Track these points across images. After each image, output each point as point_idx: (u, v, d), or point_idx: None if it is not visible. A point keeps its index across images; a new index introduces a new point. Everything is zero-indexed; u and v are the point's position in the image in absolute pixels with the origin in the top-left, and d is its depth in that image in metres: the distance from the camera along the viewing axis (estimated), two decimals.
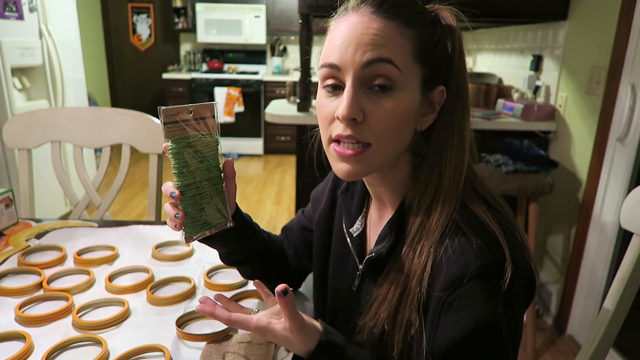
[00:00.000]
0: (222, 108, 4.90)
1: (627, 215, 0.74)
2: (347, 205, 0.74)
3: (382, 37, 0.54)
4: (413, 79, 0.56)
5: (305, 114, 2.16)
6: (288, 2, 4.93)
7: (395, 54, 0.54)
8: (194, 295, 0.85)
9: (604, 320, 0.74)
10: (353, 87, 0.55)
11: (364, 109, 0.55)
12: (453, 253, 0.53)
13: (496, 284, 0.51)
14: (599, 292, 1.86)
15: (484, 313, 0.50)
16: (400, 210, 0.62)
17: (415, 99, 0.57)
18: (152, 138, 1.31)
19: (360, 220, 0.72)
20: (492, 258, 0.52)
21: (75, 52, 3.21)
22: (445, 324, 0.52)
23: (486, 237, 0.54)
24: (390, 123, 0.55)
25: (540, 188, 1.82)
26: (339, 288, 0.75)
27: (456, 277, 0.52)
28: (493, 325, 0.51)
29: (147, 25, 5.38)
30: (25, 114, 1.35)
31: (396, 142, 0.58)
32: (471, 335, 0.50)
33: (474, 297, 0.51)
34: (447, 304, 0.52)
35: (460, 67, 0.60)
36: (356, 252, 0.70)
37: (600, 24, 1.82)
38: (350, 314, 0.70)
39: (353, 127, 0.55)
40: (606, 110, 1.77)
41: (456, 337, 0.51)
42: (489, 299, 0.51)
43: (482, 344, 0.51)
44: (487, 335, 0.51)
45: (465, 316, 0.51)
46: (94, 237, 1.06)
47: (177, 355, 0.68)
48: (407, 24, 0.55)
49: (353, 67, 0.54)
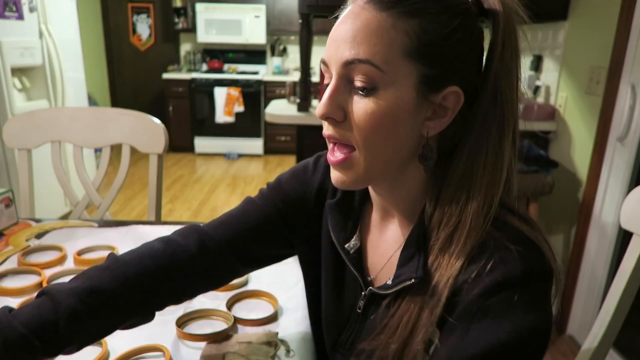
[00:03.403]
0: (222, 108, 4.90)
1: (627, 215, 0.74)
2: (342, 220, 0.64)
3: (366, 33, 0.48)
4: (402, 78, 0.48)
5: (305, 114, 2.16)
6: (288, 2, 4.93)
7: (377, 51, 0.47)
8: None
9: (604, 320, 0.74)
10: (335, 84, 0.51)
11: (346, 109, 0.51)
12: (493, 262, 0.48)
13: (540, 292, 0.47)
14: (599, 292, 1.86)
15: (526, 322, 0.46)
16: (420, 227, 0.54)
17: (406, 100, 0.49)
18: (152, 138, 1.31)
19: (357, 236, 0.64)
20: (536, 265, 0.48)
21: (75, 52, 3.20)
22: (480, 330, 0.46)
23: (526, 243, 0.49)
24: (373, 126, 0.49)
25: (540, 188, 1.82)
26: (338, 308, 0.67)
27: (496, 283, 0.46)
28: (534, 335, 0.46)
29: (147, 25, 5.37)
30: (25, 114, 1.35)
31: (384, 146, 0.51)
32: (510, 345, 0.45)
33: (516, 304, 0.46)
34: (483, 309, 0.46)
35: (502, 68, 0.50)
36: (357, 270, 0.62)
37: (600, 24, 1.82)
38: (354, 336, 0.63)
39: (334, 127, 0.52)
40: (606, 110, 1.77)
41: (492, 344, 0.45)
42: (532, 307, 0.46)
43: (520, 355, 0.46)
44: (528, 346, 0.46)
45: (505, 324, 0.45)
46: (94, 237, 1.06)
47: (177, 355, 0.68)
48: (406, 14, 0.48)
49: (336, 65, 0.50)
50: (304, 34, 2.09)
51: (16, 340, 0.50)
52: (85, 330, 0.55)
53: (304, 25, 2.08)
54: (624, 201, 0.75)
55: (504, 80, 0.50)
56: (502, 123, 0.51)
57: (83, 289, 0.55)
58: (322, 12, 2.06)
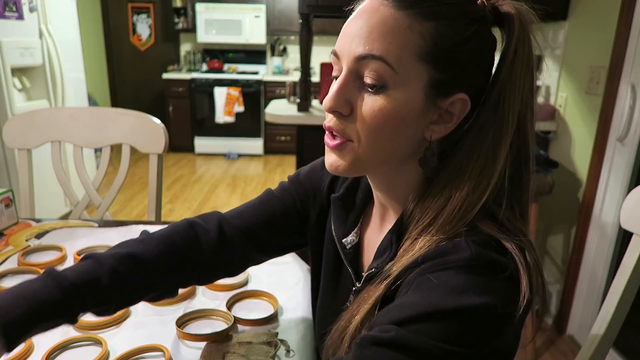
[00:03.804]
0: (222, 108, 4.90)
1: (627, 215, 0.74)
2: (343, 214, 0.66)
3: (381, 30, 0.48)
4: (412, 80, 0.48)
5: (305, 114, 2.16)
6: (288, 2, 4.93)
7: (392, 50, 0.47)
8: (194, 295, 0.85)
9: (604, 320, 0.74)
10: (344, 78, 0.50)
11: (353, 103, 0.51)
12: (444, 246, 0.48)
13: (488, 279, 0.45)
14: (599, 292, 1.86)
15: (453, 301, 0.43)
16: (399, 224, 0.55)
17: (414, 102, 0.49)
18: (152, 138, 1.31)
19: (356, 232, 0.65)
20: (487, 256, 0.46)
21: (75, 52, 3.20)
22: (412, 295, 0.46)
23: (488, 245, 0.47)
24: (378, 123, 0.49)
25: (540, 188, 1.82)
26: (330, 304, 0.68)
27: (442, 261, 0.46)
28: (476, 313, 0.43)
29: (147, 25, 5.37)
30: (25, 114, 1.35)
31: (384, 144, 0.51)
32: (441, 313, 0.43)
33: (451, 282, 0.44)
34: (418, 281, 0.46)
35: (510, 78, 0.49)
36: (351, 266, 0.64)
37: (600, 24, 1.82)
38: None
39: (338, 120, 0.52)
40: (606, 110, 1.77)
41: (422, 309, 0.43)
42: (466, 290, 0.43)
43: (449, 326, 0.43)
44: (461, 321, 0.43)
45: (440, 291, 0.44)
46: (94, 237, 1.06)
47: (177, 355, 0.68)
48: (423, 16, 0.47)
49: (348, 58, 0.50)
50: (304, 34, 2.09)
51: (68, 288, 0.55)
52: (122, 290, 0.60)
53: (304, 25, 2.07)
54: (624, 201, 0.75)
55: (509, 89, 0.50)
56: (500, 132, 0.50)
57: (122, 254, 0.61)
58: (322, 12, 2.06)
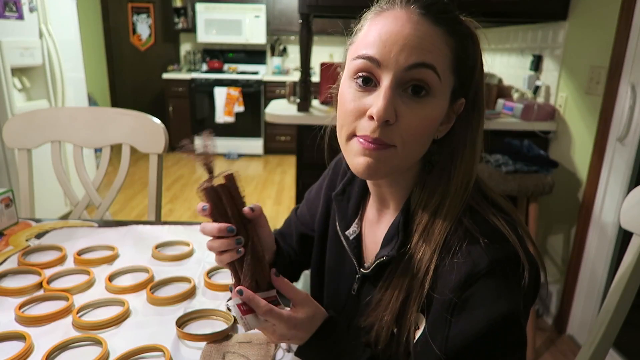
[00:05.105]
0: (222, 108, 4.90)
1: (627, 215, 0.74)
2: (343, 208, 0.73)
3: (429, 42, 0.53)
4: (447, 89, 0.56)
5: (305, 114, 2.16)
6: (288, 2, 4.93)
7: (439, 61, 0.53)
8: (194, 295, 0.85)
9: (604, 320, 0.74)
10: (391, 87, 0.53)
11: (398, 111, 0.54)
12: (461, 255, 0.53)
13: (507, 279, 0.52)
14: (599, 292, 1.86)
15: (497, 309, 0.51)
16: (405, 212, 0.61)
17: (444, 108, 0.57)
18: (152, 138, 1.31)
19: (357, 223, 0.72)
20: (501, 253, 0.52)
21: (75, 52, 3.20)
22: (459, 323, 0.52)
23: (494, 235, 0.54)
24: (421, 129, 0.55)
25: (540, 188, 1.82)
26: (336, 292, 0.74)
27: (466, 277, 0.52)
28: (506, 320, 0.51)
29: (147, 25, 5.37)
30: (25, 114, 1.35)
31: (420, 148, 0.58)
32: (487, 333, 0.50)
33: (486, 294, 0.51)
34: (460, 303, 0.52)
35: (480, 78, 0.60)
36: (354, 255, 0.70)
37: (600, 24, 1.82)
38: (350, 317, 0.69)
39: (383, 129, 0.54)
40: (606, 110, 1.77)
41: (471, 335, 0.51)
42: (501, 294, 0.51)
43: (498, 339, 0.51)
44: (502, 331, 0.51)
45: (479, 314, 0.51)
46: (94, 237, 1.06)
47: (177, 355, 0.68)
48: (449, 33, 0.55)
49: (395, 67, 0.53)
50: (304, 34, 2.09)
51: None
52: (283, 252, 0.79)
53: (304, 25, 2.07)
54: (624, 201, 0.75)
55: (481, 86, 0.60)
56: (479, 121, 0.60)
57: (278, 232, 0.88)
58: (322, 12, 2.06)
